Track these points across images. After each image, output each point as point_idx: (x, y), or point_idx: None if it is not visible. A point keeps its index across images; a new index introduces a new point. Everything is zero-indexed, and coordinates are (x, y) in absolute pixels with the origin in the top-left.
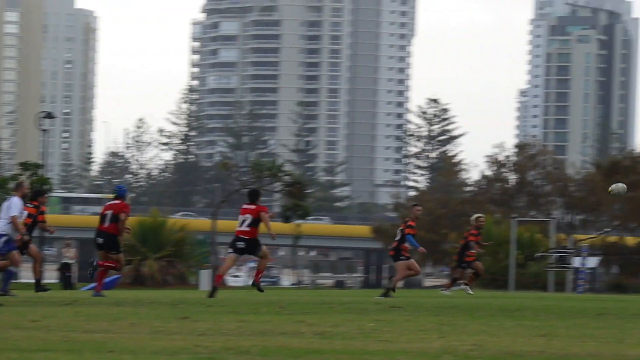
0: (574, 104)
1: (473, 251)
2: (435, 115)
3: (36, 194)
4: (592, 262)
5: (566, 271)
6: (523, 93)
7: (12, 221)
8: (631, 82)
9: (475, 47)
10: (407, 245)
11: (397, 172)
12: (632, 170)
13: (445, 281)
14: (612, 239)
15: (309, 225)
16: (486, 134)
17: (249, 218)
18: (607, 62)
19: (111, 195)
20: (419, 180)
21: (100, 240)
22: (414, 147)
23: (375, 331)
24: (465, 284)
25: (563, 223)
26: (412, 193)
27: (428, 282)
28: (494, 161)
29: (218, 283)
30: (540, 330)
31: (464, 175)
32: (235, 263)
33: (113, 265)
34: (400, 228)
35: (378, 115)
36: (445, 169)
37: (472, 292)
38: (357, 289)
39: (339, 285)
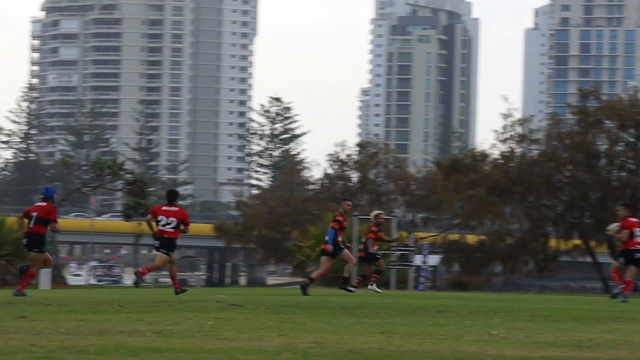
0: (416, 103)
1: (376, 248)
2: (277, 114)
3: None
4: (434, 260)
5: (408, 269)
6: (365, 92)
7: None
8: (471, 82)
9: (317, 46)
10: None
11: (240, 170)
12: (472, 168)
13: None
14: (453, 237)
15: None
16: (329, 132)
17: (174, 221)
18: (447, 62)
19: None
20: (262, 178)
21: (24, 241)
22: (257, 146)
23: (214, 329)
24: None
25: (405, 221)
26: (255, 191)
27: (271, 280)
28: (335, 160)
29: (178, 287)
30: (380, 328)
31: (306, 173)
32: (166, 262)
33: (39, 266)
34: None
35: (221, 113)
36: (287, 168)
37: (379, 290)
38: (200, 288)
39: (182, 283)
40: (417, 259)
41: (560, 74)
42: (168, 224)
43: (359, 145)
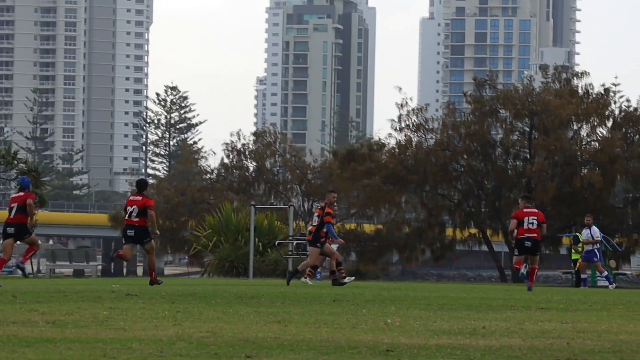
0: (312, 92)
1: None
2: (173, 103)
3: None
4: None
5: (305, 259)
6: (261, 81)
7: None
8: (368, 71)
9: (214, 34)
10: (325, 231)
11: (135, 160)
12: (368, 158)
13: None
14: (350, 226)
15: (47, 214)
16: (225, 121)
17: (135, 209)
18: (344, 51)
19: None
20: (158, 168)
21: (10, 230)
22: (153, 135)
23: (109, 319)
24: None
25: (301, 211)
26: (151, 181)
27: (168, 270)
28: (232, 149)
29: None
30: (275, 317)
31: (202, 162)
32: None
33: (33, 250)
34: (317, 214)
35: (116, 102)
36: (183, 157)
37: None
38: (96, 278)
39: (78, 274)
40: None
41: (456, 63)
42: (132, 212)
43: (255, 134)
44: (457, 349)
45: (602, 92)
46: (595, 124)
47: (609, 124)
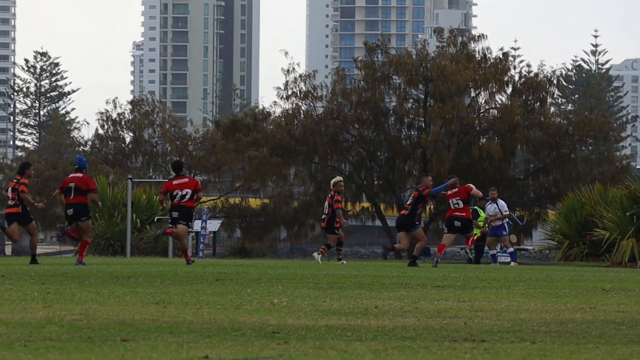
0: (193, 58)
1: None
2: (43, 70)
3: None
4: (214, 225)
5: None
6: (138, 46)
7: None
8: (253, 35)
9: None
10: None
11: (2, 131)
12: (254, 128)
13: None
14: (235, 200)
15: None
16: (100, 90)
17: (188, 193)
18: (226, 14)
19: None
20: (28, 139)
21: (70, 211)
22: (22, 104)
23: None
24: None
25: None
26: (20, 153)
27: (39, 249)
28: (106, 119)
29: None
30: (154, 298)
31: (75, 134)
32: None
33: (77, 235)
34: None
35: None
36: (55, 128)
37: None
38: None
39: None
40: (196, 225)
41: (345, 26)
42: (184, 196)
43: (132, 103)
44: (347, 330)
45: (501, 56)
46: (494, 90)
47: (509, 90)
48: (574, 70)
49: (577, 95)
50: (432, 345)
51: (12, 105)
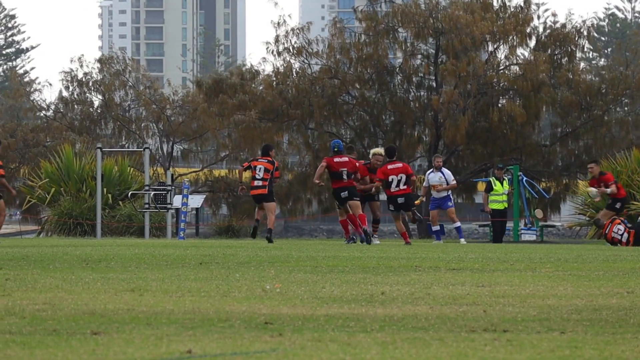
0: (170, 9)
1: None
2: None
3: None
4: (197, 201)
5: (165, 212)
6: None
7: None
8: None
9: None
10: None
11: None
12: (240, 89)
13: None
14: (220, 172)
15: None
16: (64, 46)
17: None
18: None
19: None
20: None
21: (344, 194)
22: None
23: None
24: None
25: (159, 154)
26: None
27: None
28: (71, 79)
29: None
30: (128, 284)
31: (36, 96)
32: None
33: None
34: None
35: None
36: (12, 89)
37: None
38: None
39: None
40: (177, 200)
41: None
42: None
43: (100, 61)
44: (350, 319)
45: (522, 4)
46: (515, 44)
47: (532, 44)
48: (607, 20)
49: (610, 49)
50: (447, 337)
51: None
